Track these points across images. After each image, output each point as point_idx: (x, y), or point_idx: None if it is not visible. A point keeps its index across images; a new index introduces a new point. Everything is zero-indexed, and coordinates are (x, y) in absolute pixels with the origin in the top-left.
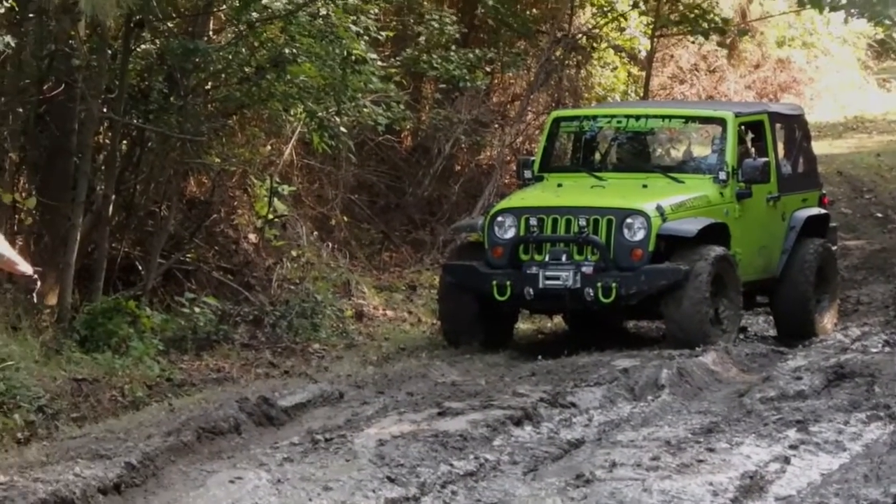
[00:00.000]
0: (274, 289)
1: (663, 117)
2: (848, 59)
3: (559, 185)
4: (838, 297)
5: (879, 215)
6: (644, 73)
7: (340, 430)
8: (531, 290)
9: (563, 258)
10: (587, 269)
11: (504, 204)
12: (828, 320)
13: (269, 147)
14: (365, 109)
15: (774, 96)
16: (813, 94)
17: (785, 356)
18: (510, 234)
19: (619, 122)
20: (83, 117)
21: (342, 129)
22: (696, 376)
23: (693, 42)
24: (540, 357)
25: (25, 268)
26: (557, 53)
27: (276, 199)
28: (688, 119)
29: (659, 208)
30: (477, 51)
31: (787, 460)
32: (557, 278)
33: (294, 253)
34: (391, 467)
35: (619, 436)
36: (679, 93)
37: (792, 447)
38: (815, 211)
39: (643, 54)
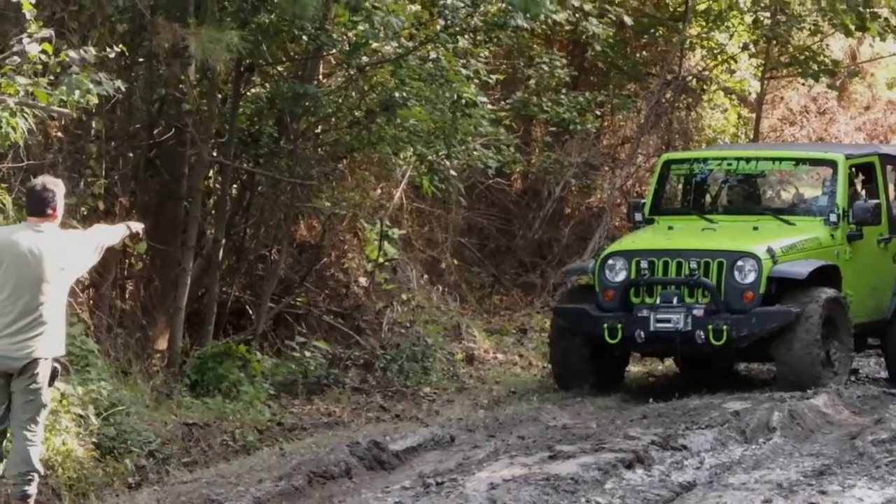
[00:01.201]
0: (384, 332)
1: (773, 159)
2: None
3: (670, 228)
4: None
5: None
6: (754, 115)
7: (451, 474)
8: (642, 333)
9: (674, 301)
10: (698, 312)
11: (615, 247)
12: None
13: (378, 190)
14: (475, 152)
15: (885, 138)
16: None
17: None
18: (621, 276)
19: (729, 164)
20: (193, 161)
21: (452, 172)
22: (808, 419)
23: (803, 84)
24: (651, 400)
25: (136, 226)
26: (667, 96)
27: (386, 243)
28: (798, 161)
29: (770, 251)
30: (587, 93)
31: None
32: (668, 321)
33: (404, 296)
34: None
35: (731, 478)
36: (789, 135)
37: None
38: None
39: (753, 96)
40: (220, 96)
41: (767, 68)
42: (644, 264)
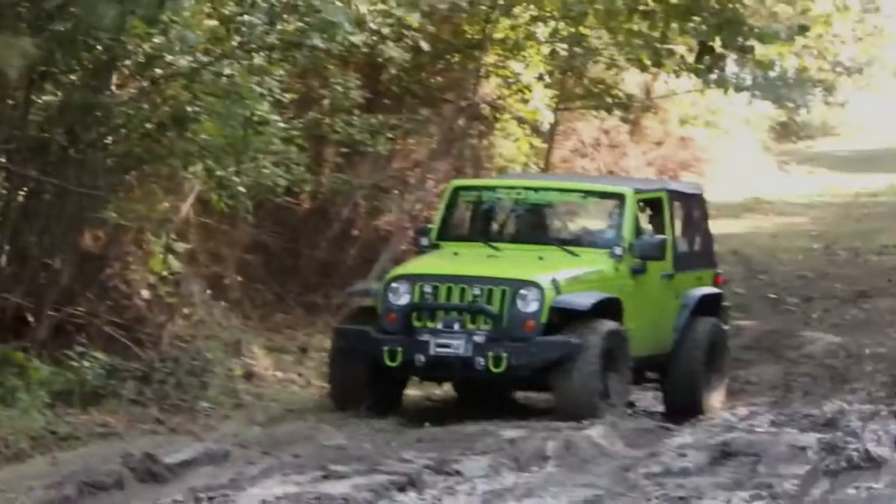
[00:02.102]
0: (164, 346)
1: (562, 190)
2: (749, 139)
3: (455, 254)
4: (728, 377)
5: (773, 296)
6: (546, 146)
7: (224, 490)
8: (422, 357)
9: (456, 326)
10: (479, 339)
11: (399, 270)
12: (716, 399)
13: (166, 204)
14: (265, 170)
15: (675, 174)
16: (713, 173)
17: (671, 433)
18: (404, 300)
19: (518, 193)
20: None
21: (241, 188)
22: (583, 449)
23: (596, 117)
24: (427, 424)
25: None
26: (460, 122)
27: (170, 256)
28: (587, 193)
29: (553, 281)
30: (380, 116)
31: None
32: (449, 346)
33: (186, 310)
34: None
35: None
36: (580, 167)
37: None
38: (709, 290)
39: (546, 126)
40: (10, 102)
41: (561, 99)
42: (427, 288)
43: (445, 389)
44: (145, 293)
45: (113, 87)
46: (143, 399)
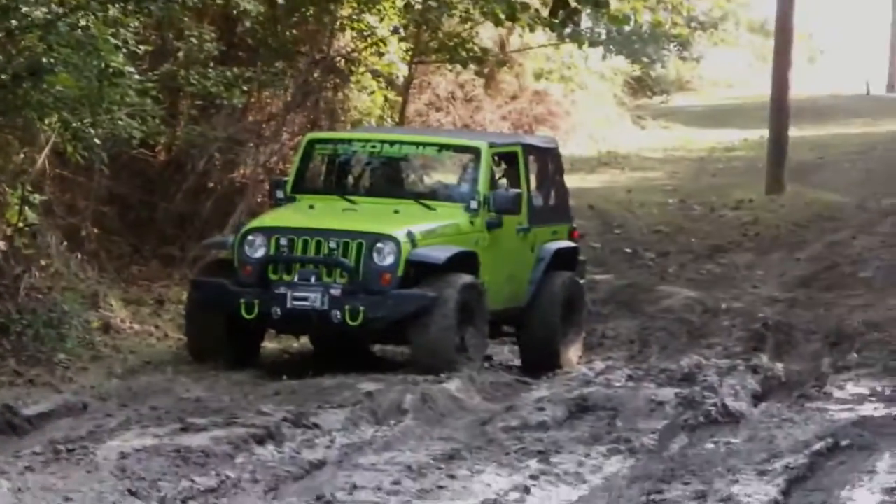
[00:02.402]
0: (21, 297)
1: (418, 144)
2: (605, 94)
3: (311, 207)
4: (584, 331)
5: (628, 250)
6: (401, 99)
7: (83, 442)
8: (279, 310)
9: (312, 279)
10: (335, 292)
11: (255, 223)
12: (573, 353)
13: (21, 155)
14: (120, 122)
15: (530, 128)
16: (568, 127)
17: (529, 387)
18: (260, 253)
19: (373, 146)
20: None
21: (97, 140)
22: (440, 403)
23: (451, 70)
24: (285, 377)
25: None
26: (315, 75)
27: (26, 208)
28: (442, 147)
29: (409, 234)
30: (235, 69)
31: (527, 490)
32: (305, 299)
33: (43, 262)
34: (133, 480)
35: (361, 459)
36: (435, 120)
37: (532, 477)
38: (565, 244)
39: (401, 80)
40: None
41: (416, 53)
42: (283, 241)
43: (303, 342)
44: (1, 245)
45: None
46: (0, 351)
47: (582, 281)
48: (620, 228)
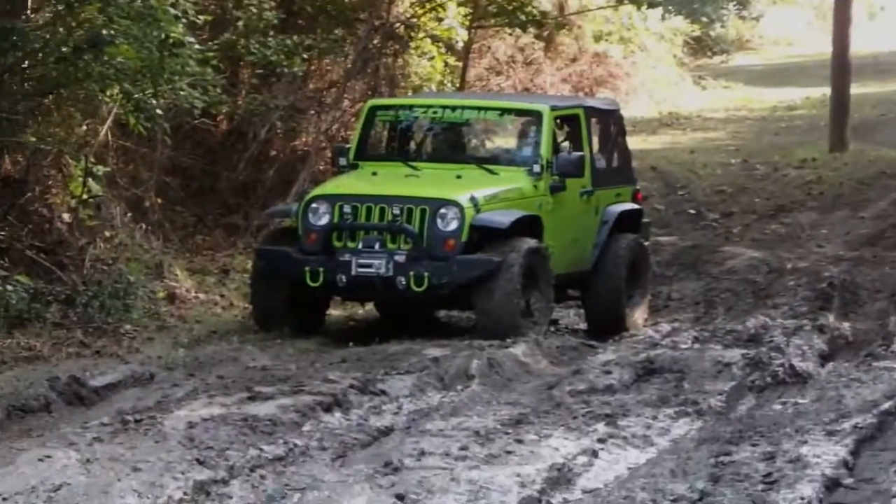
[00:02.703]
0: (87, 269)
1: (479, 109)
2: (664, 55)
3: (374, 174)
4: (650, 293)
5: (692, 212)
6: (461, 64)
7: (150, 412)
8: (343, 278)
9: (377, 246)
10: (400, 258)
11: (318, 191)
12: (638, 315)
13: (84, 127)
14: (182, 92)
15: (590, 90)
16: (629, 89)
17: (595, 350)
18: (324, 220)
19: (435, 112)
20: None
21: (158, 111)
22: (507, 367)
23: (510, 34)
24: (351, 344)
25: None
26: (375, 42)
27: (90, 180)
28: (504, 111)
29: (473, 199)
30: (295, 37)
31: (594, 454)
32: (370, 266)
33: (107, 233)
34: (200, 450)
35: (428, 425)
36: (495, 84)
37: (600, 441)
38: (629, 206)
39: (460, 45)
40: None
41: (475, 17)
42: (347, 209)
43: (368, 309)
44: (66, 217)
45: (28, 12)
46: (67, 322)
47: (646, 243)
48: (683, 189)
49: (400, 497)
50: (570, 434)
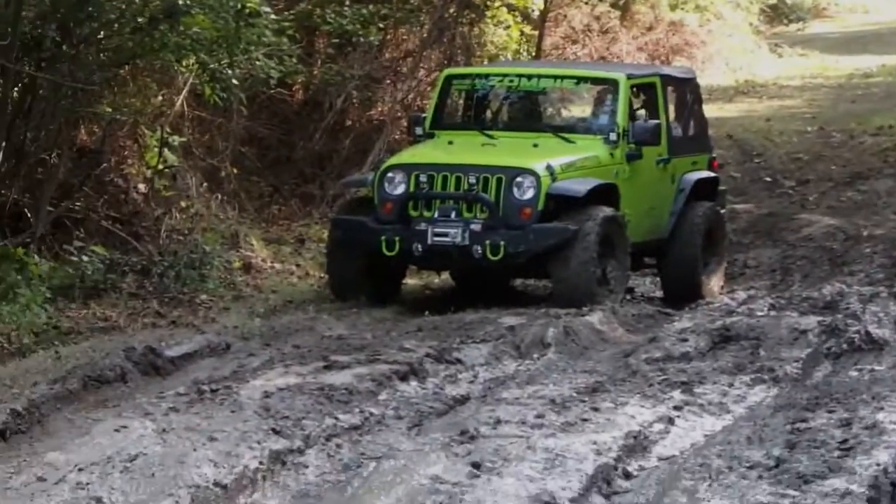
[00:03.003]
0: (162, 239)
1: (555, 77)
2: (740, 23)
3: (450, 143)
4: (726, 261)
5: (768, 179)
6: (537, 33)
7: (226, 382)
8: (419, 247)
9: (453, 215)
10: (476, 227)
11: (394, 160)
12: (715, 283)
13: (160, 98)
14: (257, 62)
15: (666, 59)
16: (705, 57)
17: (671, 318)
18: (400, 190)
19: (511, 81)
20: None
21: (234, 81)
22: (583, 335)
23: (586, 3)
24: (427, 313)
25: None
26: (451, 11)
27: (166, 150)
28: (580, 80)
29: (549, 168)
30: (371, 6)
31: (671, 421)
32: (446, 235)
33: (183, 204)
34: (276, 419)
35: (505, 393)
36: (572, 53)
37: (676, 408)
38: (705, 174)
39: (536, 14)
40: None
41: None
42: (423, 178)
43: (444, 278)
44: (142, 187)
45: None
46: (142, 293)
47: (722, 211)
48: (760, 157)
49: (476, 465)
50: (645, 402)
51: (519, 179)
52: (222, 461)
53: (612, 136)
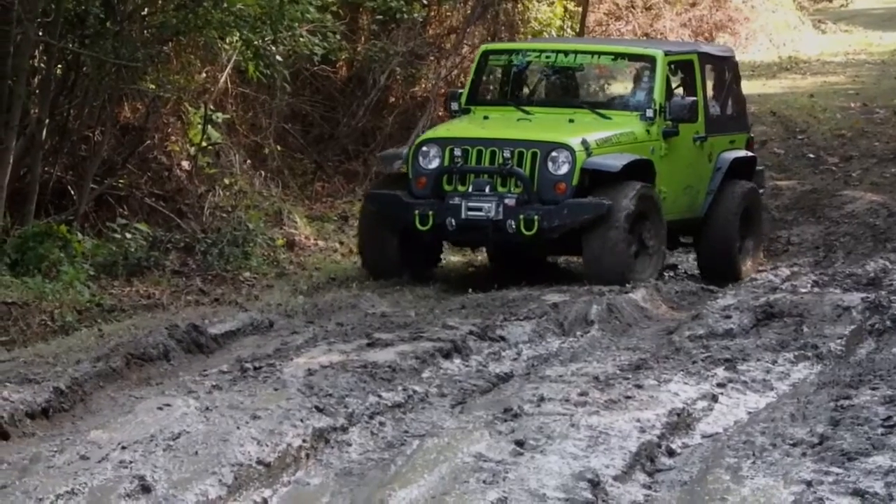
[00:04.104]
0: (206, 216)
1: (592, 53)
2: None
3: (486, 118)
4: (764, 240)
5: (811, 156)
6: (580, 9)
7: (269, 359)
8: (453, 221)
9: (487, 189)
10: (510, 201)
11: (429, 134)
12: (751, 263)
13: (203, 74)
14: (301, 39)
15: (710, 35)
16: (748, 33)
17: (714, 295)
18: (434, 164)
19: (547, 56)
20: (19, 41)
21: (278, 58)
22: (626, 312)
23: None
24: (470, 290)
25: None
26: None
27: (209, 127)
28: (617, 56)
29: (584, 143)
30: None
31: (714, 398)
32: (480, 209)
33: (227, 181)
34: (319, 397)
35: (548, 370)
36: (615, 30)
37: (720, 385)
38: (742, 153)
39: None
40: None
41: None
42: (457, 152)
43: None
44: (185, 164)
45: None
46: (186, 270)
47: (761, 190)
48: (803, 134)
49: (519, 443)
50: (689, 379)
51: (554, 154)
52: (265, 439)
53: (649, 113)
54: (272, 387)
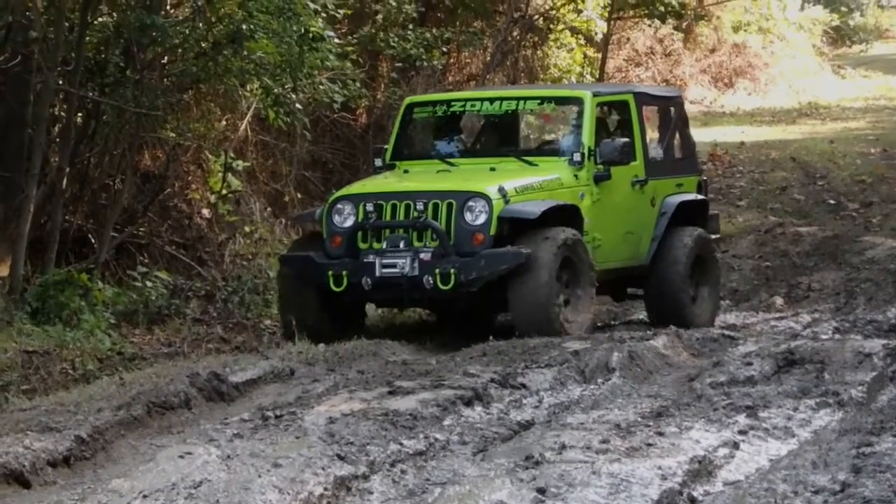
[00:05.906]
0: (226, 264)
1: (518, 99)
2: (803, 45)
3: (405, 172)
4: (720, 290)
5: (832, 202)
6: (600, 56)
7: (291, 407)
8: (368, 280)
9: (402, 245)
10: (425, 256)
11: (343, 191)
12: (706, 312)
13: (224, 122)
14: (321, 87)
15: (729, 81)
16: (768, 79)
17: (735, 341)
18: (349, 222)
19: (472, 105)
20: (39, 89)
21: (298, 105)
22: (647, 360)
23: (650, 25)
24: (491, 338)
25: None
26: (514, 34)
27: (230, 175)
28: (543, 100)
29: (501, 190)
30: (434, 30)
31: (736, 445)
32: (394, 266)
33: (247, 228)
34: (341, 445)
35: (569, 418)
36: (635, 76)
37: (741, 432)
38: (690, 196)
39: (600, 36)
40: (66, 24)
41: (614, 9)
42: (370, 207)
43: None
44: (206, 212)
45: (168, 7)
46: (206, 318)
47: (714, 236)
48: (823, 179)
49: (541, 490)
50: (710, 426)
51: (470, 203)
52: (287, 487)
53: (577, 157)
54: (293, 435)
